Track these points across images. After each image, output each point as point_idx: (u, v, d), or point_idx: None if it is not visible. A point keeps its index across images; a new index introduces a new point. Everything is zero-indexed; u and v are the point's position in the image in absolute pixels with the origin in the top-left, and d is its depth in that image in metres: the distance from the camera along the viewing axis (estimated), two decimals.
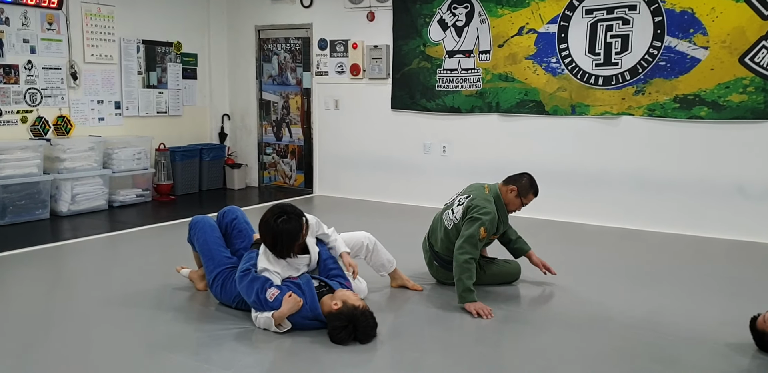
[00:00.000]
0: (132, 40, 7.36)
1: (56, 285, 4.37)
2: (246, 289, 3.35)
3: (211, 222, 3.94)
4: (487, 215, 3.93)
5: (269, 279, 3.37)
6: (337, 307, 3.25)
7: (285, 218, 3.38)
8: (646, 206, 6.02)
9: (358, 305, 3.26)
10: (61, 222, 6.22)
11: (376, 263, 4.08)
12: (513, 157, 6.58)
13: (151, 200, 7.36)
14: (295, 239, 3.41)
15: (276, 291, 3.29)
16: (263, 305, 3.30)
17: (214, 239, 3.84)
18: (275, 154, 8.38)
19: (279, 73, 8.15)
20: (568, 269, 4.69)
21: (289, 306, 3.26)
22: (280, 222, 3.37)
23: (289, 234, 3.38)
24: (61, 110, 6.75)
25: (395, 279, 4.17)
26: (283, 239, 3.38)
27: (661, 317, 3.71)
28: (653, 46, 5.80)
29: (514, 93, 6.48)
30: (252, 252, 3.59)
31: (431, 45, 6.87)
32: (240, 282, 3.40)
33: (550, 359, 3.12)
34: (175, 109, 7.94)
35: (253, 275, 3.38)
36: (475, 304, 3.73)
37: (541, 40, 6.28)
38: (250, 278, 3.37)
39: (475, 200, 4.06)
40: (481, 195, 4.11)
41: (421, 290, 4.13)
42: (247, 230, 3.91)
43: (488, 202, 4.05)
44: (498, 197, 4.11)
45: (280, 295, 3.28)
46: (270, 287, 3.32)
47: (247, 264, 3.47)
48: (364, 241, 4.01)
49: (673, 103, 5.80)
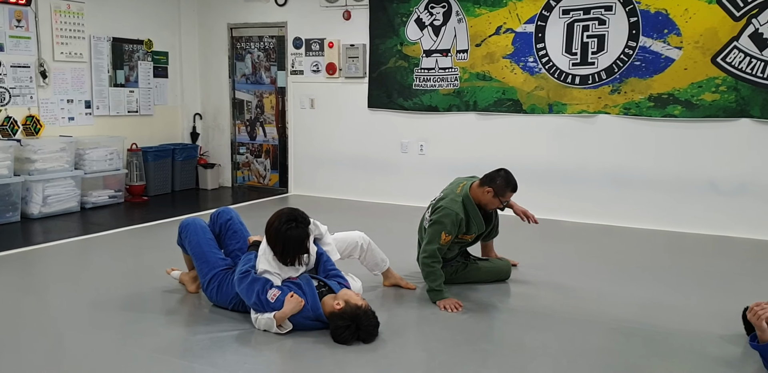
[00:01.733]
0: (102, 37, 7.20)
1: (30, 291, 4.22)
2: (246, 290, 3.32)
3: (201, 224, 3.88)
4: (447, 217, 3.90)
5: (269, 280, 3.34)
6: (340, 307, 3.24)
7: (294, 225, 3.34)
8: (623, 203, 6.14)
9: (361, 304, 3.25)
10: (32, 225, 6.05)
11: (370, 262, 4.08)
12: (490, 156, 6.64)
13: (124, 201, 7.21)
14: (303, 247, 3.39)
15: (277, 292, 3.27)
16: (264, 306, 3.27)
17: (207, 241, 3.78)
18: (249, 154, 8.29)
19: (253, 72, 8.07)
20: (554, 266, 4.77)
21: (291, 306, 3.24)
22: (290, 229, 3.33)
23: (298, 241, 3.36)
24: (30, 110, 6.56)
25: (388, 278, 4.17)
26: (292, 246, 3.36)
27: (650, 311, 3.80)
28: (629, 46, 5.92)
29: (491, 92, 6.54)
30: (250, 254, 3.55)
31: (408, 44, 6.89)
32: (239, 284, 3.36)
33: (554, 354, 3.17)
34: (146, 108, 7.79)
35: (252, 276, 3.35)
36: (444, 301, 3.84)
37: (518, 40, 6.35)
38: (249, 279, 3.33)
39: (443, 201, 4.04)
40: (450, 195, 4.07)
41: (414, 288, 4.14)
42: (242, 231, 3.86)
43: (454, 203, 3.98)
44: (467, 197, 4.02)
45: (281, 295, 3.26)
46: (271, 287, 3.29)
47: (246, 266, 3.43)
48: (358, 241, 4.01)
49: (647, 102, 5.93)
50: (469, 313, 3.74)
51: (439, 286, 3.88)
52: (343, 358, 3.06)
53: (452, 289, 4.06)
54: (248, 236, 3.87)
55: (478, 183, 4.07)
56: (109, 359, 3.03)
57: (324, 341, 3.23)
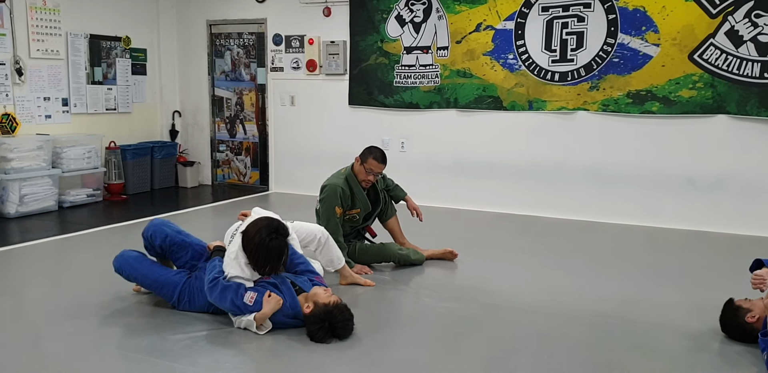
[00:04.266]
0: (79, 34, 7.11)
1: (7, 292, 4.16)
2: (219, 299, 3.26)
3: (133, 255, 3.71)
4: (332, 191, 4.31)
5: (241, 284, 3.28)
6: (309, 310, 3.26)
7: (275, 237, 3.27)
8: (602, 199, 6.19)
9: (329, 301, 3.25)
10: (9, 224, 5.97)
11: (326, 258, 4.08)
12: (471, 152, 6.68)
13: (102, 200, 7.13)
14: (282, 259, 3.33)
15: (254, 294, 3.23)
16: (242, 309, 3.24)
17: (151, 269, 3.64)
18: (229, 152, 8.24)
19: (232, 69, 8.02)
20: (534, 262, 4.80)
21: (270, 306, 3.22)
22: (272, 240, 3.26)
23: (278, 253, 3.29)
24: (5, 108, 6.46)
25: (344, 277, 4.18)
26: (273, 257, 3.28)
27: (630, 305, 3.84)
28: (607, 43, 5.96)
29: (472, 89, 6.56)
30: (214, 260, 3.46)
31: (389, 41, 6.88)
32: (211, 293, 3.28)
33: (535, 349, 3.19)
34: (124, 105, 7.72)
35: (222, 283, 3.27)
36: (354, 268, 4.32)
37: (498, 37, 6.37)
38: (220, 287, 3.25)
39: (327, 180, 4.46)
40: (335, 174, 4.51)
41: (373, 285, 4.15)
42: (186, 242, 3.72)
43: (337, 178, 4.42)
44: (350, 173, 4.43)
45: (258, 296, 3.23)
46: (245, 291, 3.24)
47: (212, 274, 3.34)
48: (317, 234, 4.01)
49: (626, 98, 5.98)
50: (448, 309, 3.76)
51: (345, 256, 4.21)
52: (325, 356, 3.06)
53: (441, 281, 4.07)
54: (192, 242, 3.74)
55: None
56: (88, 360, 3.00)
57: (302, 339, 3.22)
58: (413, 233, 4.92)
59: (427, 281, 4.36)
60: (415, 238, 4.90)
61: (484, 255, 4.95)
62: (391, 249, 4.58)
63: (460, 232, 5.78)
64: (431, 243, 4.95)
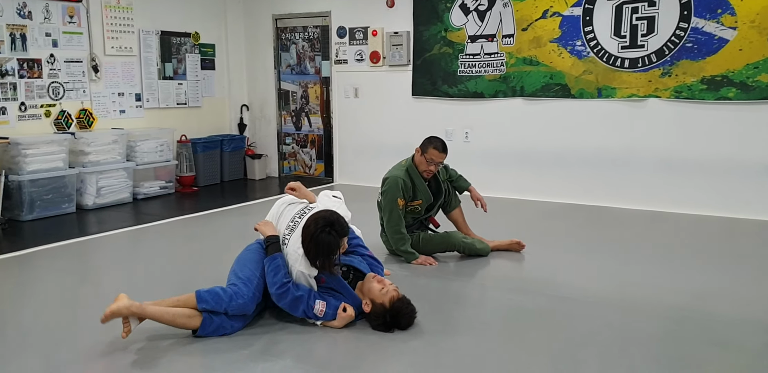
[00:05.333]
0: (151, 31, 7.33)
1: (87, 280, 4.36)
2: (289, 307, 3.25)
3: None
4: (393, 183, 4.31)
5: (311, 293, 3.24)
6: (369, 308, 3.27)
7: (327, 231, 3.17)
8: (674, 188, 5.99)
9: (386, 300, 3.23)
10: (87, 215, 6.23)
11: None
12: (538, 142, 6.56)
13: (174, 192, 7.36)
14: (332, 254, 3.21)
15: (323, 307, 3.23)
16: (310, 318, 3.28)
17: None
18: (295, 144, 8.36)
19: (297, 63, 8.12)
20: (602, 253, 4.69)
21: (344, 323, 3.25)
22: (322, 233, 3.16)
23: (326, 247, 3.17)
24: (83, 103, 6.74)
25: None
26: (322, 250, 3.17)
27: (704, 299, 3.70)
28: (680, 28, 5.75)
29: (539, 77, 6.44)
30: (276, 259, 3.30)
31: (453, 30, 6.82)
32: (280, 300, 3.23)
33: (604, 343, 3.11)
34: (194, 100, 7.93)
35: (292, 293, 3.21)
36: (418, 259, 4.35)
37: (565, 23, 6.23)
38: (290, 297, 3.21)
39: (388, 172, 4.46)
40: (396, 166, 4.50)
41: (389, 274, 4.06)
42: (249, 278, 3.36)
43: (397, 170, 4.41)
44: (410, 165, 4.41)
45: (328, 309, 3.24)
46: (315, 302, 3.22)
47: (279, 277, 3.23)
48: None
49: (700, 84, 5.75)
50: (514, 301, 3.71)
51: (409, 248, 4.35)
52: (389, 347, 3.07)
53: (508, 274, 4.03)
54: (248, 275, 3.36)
55: None
56: (156, 345, 3.11)
57: (367, 329, 3.25)
58: (478, 225, 4.88)
59: (493, 272, 4.33)
60: (479, 229, 4.85)
61: (551, 247, 4.87)
62: (455, 238, 4.54)
63: (526, 223, 5.69)
64: (496, 235, 4.90)
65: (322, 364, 2.91)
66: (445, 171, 4.68)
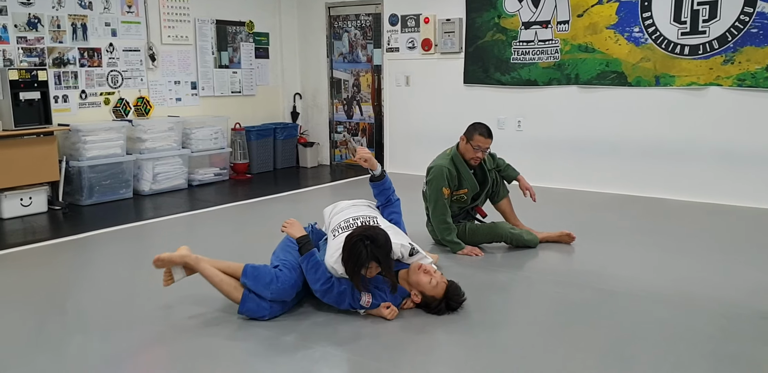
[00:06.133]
0: (206, 20, 7.45)
1: (143, 264, 4.41)
2: (336, 302, 3.26)
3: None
4: (438, 173, 4.27)
5: (353, 288, 3.23)
6: (419, 299, 3.28)
7: (367, 244, 3.10)
8: (734, 180, 5.78)
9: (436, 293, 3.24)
10: (143, 201, 6.39)
11: None
12: (592, 131, 6.42)
13: (228, 179, 7.49)
14: (360, 267, 3.13)
15: (369, 298, 3.24)
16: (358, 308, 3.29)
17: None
18: (346, 132, 8.39)
19: (349, 51, 8.12)
20: (655, 246, 4.57)
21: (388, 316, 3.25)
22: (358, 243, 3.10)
23: (358, 259, 3.10)
24: (140, 91, 6.90)
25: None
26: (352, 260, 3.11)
27: (761, 295, 3.57)
28: (744, 13, 5.51)
29: (594, 64, 6.28)
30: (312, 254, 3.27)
31: (506, 16, 6.70)
32: (325, 295, 3.24)
33: (653, 339, 3.03)
34: (248, 88, 8.03)
35: (337, 288, 3.23)
36: (464, 250, 4.32)
37: (623, 9, 6.04)
38: (336, 292, 3.23)
39: (432, 162, 4.41)
40: (441, 155, 4.45)
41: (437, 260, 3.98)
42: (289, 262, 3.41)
43: (442, 159, 4.36)
44: (455, 154, 4.36)
45: (374, 300, 3.25)
46: (360, 296, 3.23)
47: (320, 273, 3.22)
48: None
49: (765, 72, 5.52)
50: (561, 294, 3.66)
51: (455, 238, 4.33)
52: (431, 339, 3.07)
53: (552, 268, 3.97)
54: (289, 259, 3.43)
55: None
56: (203, 329, 3.18)
57: (409, 319, 3.25)
58: (526, 215, 4.81)
59: (541, 264, 4.26)
60: (528, 220, 4.79)
61: (602, 239, 4.77)
62: (502, 228, 4.48)
63: (578, 214, 5.58)
64: (546, 226, 4.82)
65: (362, 352, 2.93)
66: (492, 160, 4.63)
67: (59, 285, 3.93)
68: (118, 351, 2.95)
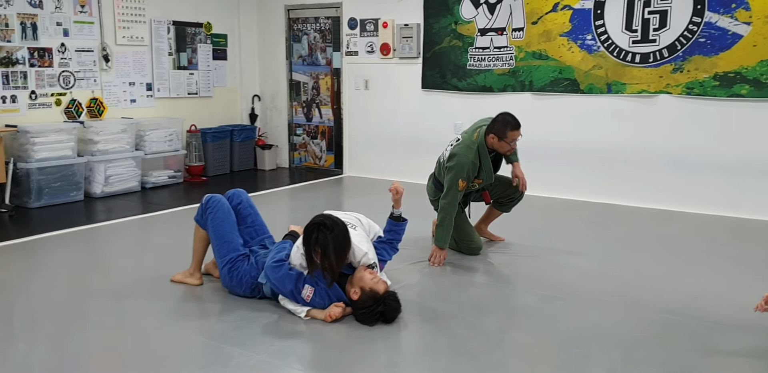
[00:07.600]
0: (162, 21, 7.36)
1: (94, 267, 4.41)
2: (280, 282, 3.29)
3: (227, 204, 3.77)
4: (462, 165, 4.16)
5: (301, 274, 3.29)
6: (357, 296, 3.26)
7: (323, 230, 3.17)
8: (683, 187, 5.89)
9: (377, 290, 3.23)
10: (95, 204, 6.29)
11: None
12: (546, 137, 6.48)
13: (183, 181, 7.41)
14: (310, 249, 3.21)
15: (311, 292, 3.25)
16: (298, 301, 3.30)
17: (231, 223, 3.71)
18: (305, 135, 8.37)
19: (309, 54, 8.10)
20: (605, 252, 4.63)
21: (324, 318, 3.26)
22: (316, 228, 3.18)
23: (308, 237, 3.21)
24: (93, 92, 6.79)
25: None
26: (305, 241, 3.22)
27: (701, 301, 3.63)
28: (693, 22, 5.62)
29: (548, 71, 6.35)
30: (285, 242, 3.52)
31: (463, 23, 6.75)
32: (273, 272, 3.30)
33: (587, 345, 3.07)
34: (205, 90, 7.95)
35: (286, 269, 3.29)
36: (439, 251, 4.26)
37: (576, 17, 6.13)
38: (284, 272, 3.28)
39: (458, 147, 4.28)
40: (466, 141, 4.29)
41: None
42: (251, 215, 3.81)
43: (469, 150, 4.21)
44: (482, 144, 4.23)
45: (315, 296, 3.26)
46: (304, 285, 3.25)
47: (280, 254, 3.37)
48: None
49: (712, 81, 5.63)
50: (503, 299, 3.68)
51: (447, 236, 4.24)
52: (370, 343, 3.07)
53: None
54: (257, 219, 3.85)
55: (486, 131, 4.26)
56: (158, 330, 3.14)
57: (349, 324, 3.25)
58: (476, 216, 4.85)
59: (487, 268, 4.29)
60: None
61: (551, 244, 4.82)
62: (463, 238, 4.49)
63: (529, 220, 5.63)
64: (496, 231, 4.92)
65: (300, 359, 2.91)
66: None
67: (3, 290, 3.84)
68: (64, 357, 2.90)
